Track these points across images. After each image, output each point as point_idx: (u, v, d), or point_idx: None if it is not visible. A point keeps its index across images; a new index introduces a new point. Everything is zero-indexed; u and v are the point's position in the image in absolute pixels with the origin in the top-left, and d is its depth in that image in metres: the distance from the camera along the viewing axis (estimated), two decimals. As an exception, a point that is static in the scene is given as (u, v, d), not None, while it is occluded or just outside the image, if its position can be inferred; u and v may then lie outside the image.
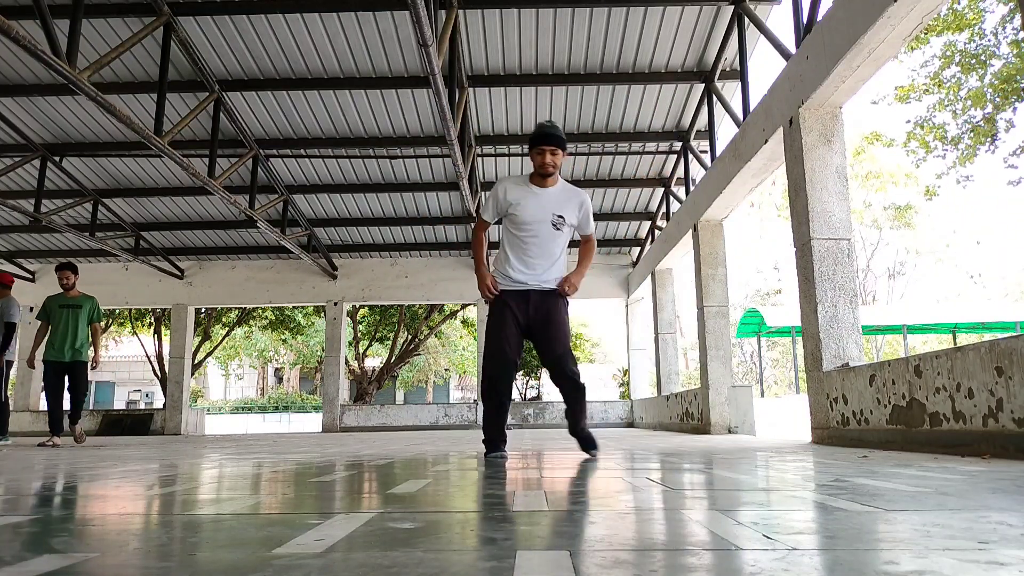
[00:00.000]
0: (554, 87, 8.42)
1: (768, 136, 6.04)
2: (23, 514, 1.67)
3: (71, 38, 5.79)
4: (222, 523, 1.49)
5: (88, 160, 10.14)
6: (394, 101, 8.72)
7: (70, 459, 4.34)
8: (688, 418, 9.12)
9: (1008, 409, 3.07)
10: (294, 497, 2.00)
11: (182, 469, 3.26)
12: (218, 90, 8.14)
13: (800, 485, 2.09)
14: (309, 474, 2.82)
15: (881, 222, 31.58)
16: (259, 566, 1.02)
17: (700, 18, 7.42)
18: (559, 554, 1.07)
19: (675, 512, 1.55)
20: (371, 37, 7.52)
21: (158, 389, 27.67)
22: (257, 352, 32.48)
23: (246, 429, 26.50)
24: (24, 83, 8.19)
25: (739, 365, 34.01)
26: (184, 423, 13.57)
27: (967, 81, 12.83)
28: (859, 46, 4.46)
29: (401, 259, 13.75)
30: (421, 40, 5.18)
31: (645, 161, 10.44)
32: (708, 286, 8.41)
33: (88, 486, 2.44)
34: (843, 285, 5.02)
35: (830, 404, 4.84)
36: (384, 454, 4.28)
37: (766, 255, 34.54)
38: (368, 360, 22.12)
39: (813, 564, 0.99)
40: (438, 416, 13.77)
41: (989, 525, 1.29)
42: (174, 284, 13.67)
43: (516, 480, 2.42)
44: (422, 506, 1.72)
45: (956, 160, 13.53)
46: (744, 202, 8.22)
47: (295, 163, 10.29)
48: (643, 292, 12.82)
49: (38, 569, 1.01)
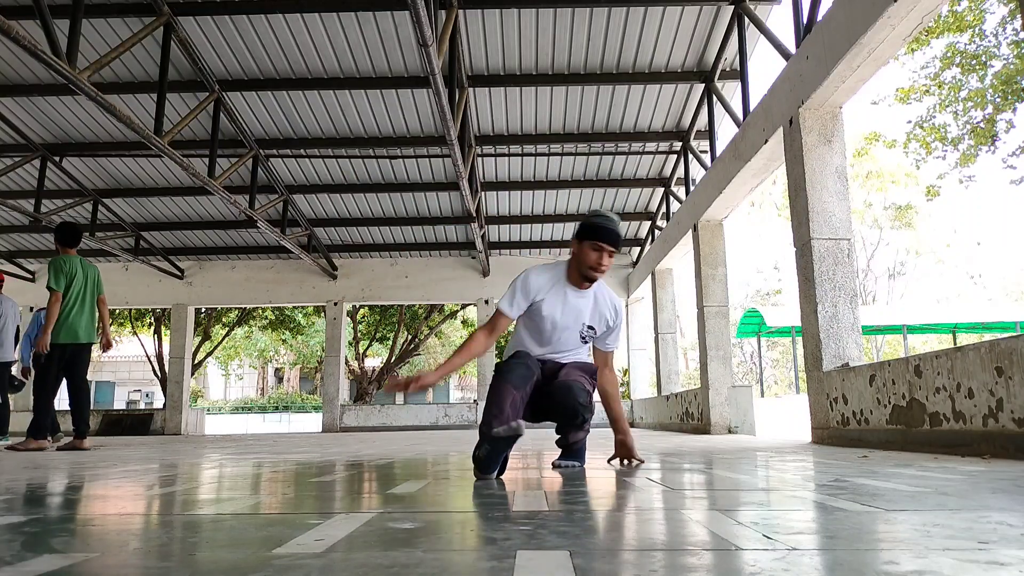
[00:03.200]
0: (554, 87, 8.42)
1: (768, 136, 6.04)
2: (23, 514, 1.67)
3: (71, 38, 5.78)
4: (222, 523, 1.49)
5: (88, 160, 10.14)
6: (394, 101, 8.72)
7: (70, 459, 4.34)
8: (688, 418, 9.12)
9: (1008, 409, 3.07)
10: (294, 497, 2.00)
11: (182, 469, 3.26)
12: (218, 90, 8.14)
13: (800, 485, 2.09)
14: (309, 474, 2.81)
15: (881, 222, 31.59)
16: (259, 566, 1.02)
17: (700, 18, 7.42)
18: (559, 554, 1.07)
19: (675, 512, 1.55)
20: (371, 37, 7.51)
21: (158, 389, 27.65)
22: (257, 352, 32.47)
23: (246, 429, 26.49)
24: (24, 83, 8.19)
25: (739, 365, 34.01)
26: (184, 423, 13.56)
27: (967, 82, 12.83)
28: (859, 46, 4.46)
29: (401, 259, 13.75)
30: (421, 40, 5.18)
31: (645, 161, 10.44)
32: (708, 286, 8.41)
33: (88, 486, 2.44)
34: (843, 285, 5.02)
35: (830, 404, 4.84)
36: (384, 454, 4.28)
37: (766, 255, 34.57)
38: (368, 360, 22.12)
39: (813, 564, 0.99)
40: (438, 416, 13.77)
41: (989, 525, 1.28)
42: (174, 284, 13.67)
43: (516, 480, 2.42)
44: (422, 506, 1.72)
45: (957, 161, 13.54)
46: (744, 202, 8.23)
47: (295, 163, 10.29)
48: (643, 292, 12.82)
49: (38, 569, 1.01)
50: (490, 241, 12.91)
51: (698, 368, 9.00)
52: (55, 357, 5.82)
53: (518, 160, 10.26)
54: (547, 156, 10.16)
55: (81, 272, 5.99)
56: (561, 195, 11.34)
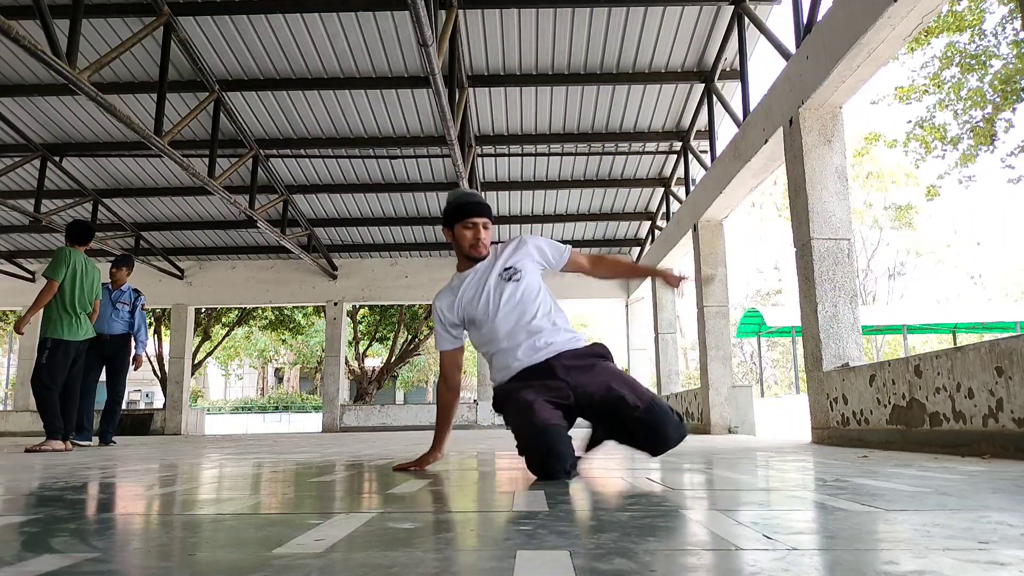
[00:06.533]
0: (554, 87, 8.42)
1: (768, 136, 6.04)
2: (23, 514, 1.67)
3: (71, 38, 5.78)
4: (222, 523, 1.49)
5: (88, 160, 10.14)
6: (394, 101, 8.72)
7: (70, 460, 4.34)
8: (688, 418, 9.12)
9: (1008, 409, 3.07)
10: (294, 497, 2.00)
11: (182, 469, 3.26)
12: (218, 90, 8.14)
13: (800, 485, 2.09)
14: (309, 474, 2.82)
15: (881, 222, 31.60)
16: (259, 566, 1.02)
17: (700, 18, 7.42)
18: (559, 554, 1.07)
19: (675, 512, 1.55)
20: (371, 37, 7.52)
21: (158, 389, 27.66)
22: (257, 352, 32.48)
23: (246, 429, 26.50)
24: (24, 83, 8.19)
25: (739, 365, 34.02)
26: (184, 423, 13.56)
27: (967, 82, 12.83)
28: (859, 46, 4.46)
29: (401, 259, 13.75)
30: (421, 40, 5.18)
31: (645, 161, 10.44)
32: (708, 286, 8.41)
33: (88, 486, 2.44)
34: (843, 285, 5.02)
35: (830, 404, 4.84)
36: (384, 454, 4.28)
37: (766, 255, 34.56)
38: (368, 360, 22.12)
39: (813, 564, 0.99)
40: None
41: (989, 525, 1.28)
42: (174, 284, 13.67)
43: (516, 480, 2.42)
44: (422, 506, 1.72)
45: (957, 161, 13.54)
46: (744, 202, 8.23)
47: (295, 163, 10.29)
48: (643, 292, 12.82)
49: (38, 569, 1.01)
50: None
51: (698, 368, 9.00)
52: (58, 354, 5.72)
53: (518, 160, 10.26)
54: (547, 156, 10.16)
55: (84, 269, 5.92)
56: (561, 195, 11.34)
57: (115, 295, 7.02)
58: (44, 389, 5.63)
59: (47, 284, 5.69)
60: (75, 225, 6.07)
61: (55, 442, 5.54)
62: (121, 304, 7.05)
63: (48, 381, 5.64)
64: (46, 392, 5.63)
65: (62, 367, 5.72)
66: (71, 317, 5.78)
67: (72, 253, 5.84)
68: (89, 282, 5.97)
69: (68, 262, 5.76)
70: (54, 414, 5.59)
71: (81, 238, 6.02)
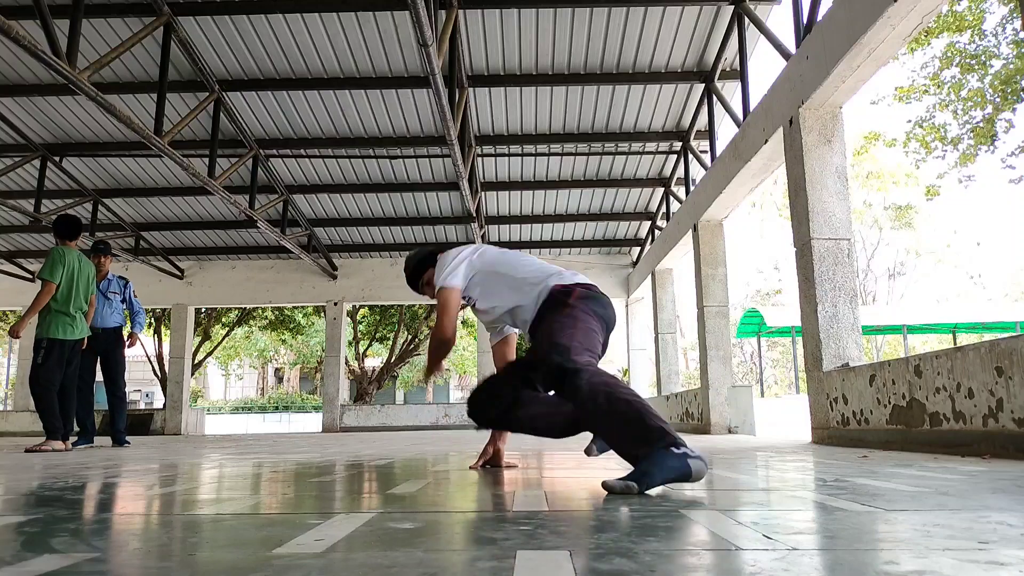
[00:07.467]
0: (554, 87, 8.42)
1: (768, 136, 6.05)
2: (23, 514, 1.67)
3: (71, 38, 5.78)
4: (222, 523, 1.49)
5: (88, 160, 10.14)
6: (394, 101, 8.72)
7: (70, 460, 4.34)
8: (688, 418, 9.12)
9: (1008, 409, 3.07)
10: (294, 497, 2.00)
11: (182, 469, 3.25)
12: (218, 90, 8.14)
13: (800, 485, 2.09)
14: (309, 474, 2.81)
15: (881, 222, 31.60)
16: (259, 566, 1.02)
17: (700, 18, 7.42)
18: (559, 554, 1.07)
19: (675, 512, 1.55)
20: (371, 37, 7.52)
21: (158, 389, 27.65)
22: (257, 352, 32.47)
23: (246, 429, 26.50)
24: (24, 83, 8.19)
25: (739, 365, 34.01)
26: (184, 423, 13.56)
27: (967, 82, 12.83)
28: (859, 46, 4.46)
29: (401, 259, 13.72)
30: (421, 40, 5.18)
31: (645, 161, 10.43)
32: (708, 286, 8.41)
33: (88, 486, 2.44)
34: (843, 285, 5.02)
35: (830, 404, 4.84)
36: (384, 454, 4.28)
37: (766, 255, 34.57)
38: (368, 360, 22.12)
39: (813, 564, 0.99)
40: (438, 416, 13.78)
41: (989, 525, 1.29)
42: (174, 284, 13.67)
43: (516, 480, 2.42)
44: (422, 506, 1.72)
45: (957, 160, 13.54)
46: (744, 202, 8.23)
47: (295, 163, 10.29)
48: (643, 292, 12.81)
49: (38, 569, 1.01)
50: (490, 241, 12.90)
51: (698, 368, 9.00)
52: (55, 354, 5.67)
53: (518, 160, 10.25)
54: (547, 156, 10.16)
55: (78, 267, 5.84)
56: (561, 195, 11.34)
57: (103, 286, 6.78)
58: (42, 389, 5.60)
59: (44, 286, 5.62)
60: (62, 221, 5.88)
61: (55, 442, 5.52)
62: (112, 294, 6.83)
63: (46, 381, 5.62)
64: (44, 392, 5.59)
65: (59, 367, 5.68)
66: (68, 317, 5.71)
67: (66, 252, 5.75)
68: (84, 280, 5.89)
69: (63, 262, 5.68)
70: (53, 414, 5.56)
71: (71, 234, 5.88)
